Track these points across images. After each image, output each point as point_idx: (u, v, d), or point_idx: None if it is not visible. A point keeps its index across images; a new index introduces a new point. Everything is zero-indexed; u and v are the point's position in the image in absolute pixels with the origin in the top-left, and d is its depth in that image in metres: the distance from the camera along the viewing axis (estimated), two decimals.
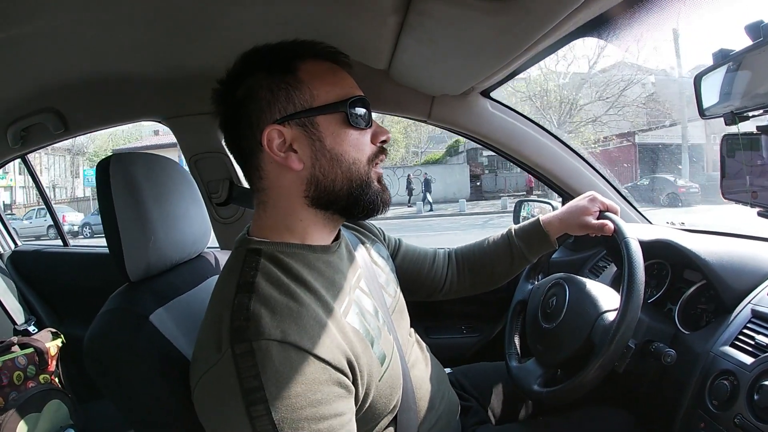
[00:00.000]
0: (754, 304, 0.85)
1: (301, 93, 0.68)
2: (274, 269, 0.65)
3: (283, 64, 0.69)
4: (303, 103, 0.68)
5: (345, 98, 0.69)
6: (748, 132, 0.76)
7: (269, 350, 0.56)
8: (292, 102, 0.67)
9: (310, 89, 0.68)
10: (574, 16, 0.68)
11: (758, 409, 0.70)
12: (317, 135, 0.68)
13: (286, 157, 0.67)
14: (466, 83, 1.16)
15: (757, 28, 0.69)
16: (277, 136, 0.67)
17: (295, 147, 0.68)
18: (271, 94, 0.67)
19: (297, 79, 0.68)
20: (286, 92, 0.67)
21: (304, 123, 0.68)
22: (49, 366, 1.46)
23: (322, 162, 0.68)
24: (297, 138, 0.68)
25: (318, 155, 0.68)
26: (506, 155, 1.34)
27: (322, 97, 0.68)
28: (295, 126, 0.67)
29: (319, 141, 0.68)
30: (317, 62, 0.71)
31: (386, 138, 0.73)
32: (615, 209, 0.96)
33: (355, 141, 0.70)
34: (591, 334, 0.86)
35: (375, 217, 0.76)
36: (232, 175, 1.46)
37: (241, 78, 0.70)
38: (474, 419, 1.02)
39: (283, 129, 0.67)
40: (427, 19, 0.77)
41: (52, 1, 0.78)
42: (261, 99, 0.68)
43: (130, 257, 0.75)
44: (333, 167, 0.69)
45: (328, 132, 0.68)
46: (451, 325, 1.56)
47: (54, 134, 1.42)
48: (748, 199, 0.78)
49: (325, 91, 0.69)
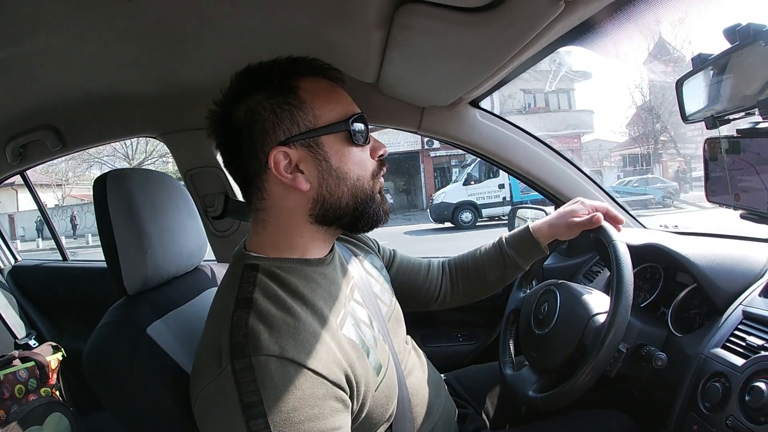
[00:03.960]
0: (745, 306, 0.86)
1: (304, 113, 0.68)
2: (271, 284, 0.66)
3: (283, 84, 0.69)
4: (307, 123, 0.68)
5: (346, 116, 0.70)
6: (728, 135, 0.77)
7: (268, 366, 0.57)
8: (296, 123, 0.67)
9: (313, 109, 0.68)
10: (554, 25, 0.70)
11: (750, 410, 0.71)
12: (323, 155, 0.68)
13: (293, 178, 0.68)
14: (453, 94, 1.17)
15: (733, 32, 0.70)
16: (283, 157, 0.67)
17: (302, 168, 0.68)
18: (274, 116, 0.67)
19: (298, 98, 0.68)
20: (289, 113, 0.67)
21: (309, 143, 0.68)
22: (50, 379, 1.47)
23: (329, 181, 0.69)
24: (303, 158, 0.68)
25: (325, 175, 0.69)
26: (497, 164, 1.35)
27: (325, 116, 0.69)
28: (300, 147, 0.68)
29: (325, 161, 0.69)
30: (315, 80, 0.71)
31: (383, 152, 0.75)
32: (603, 208, 0.96)
33: (358, 158, 0.71)
34: (583, 337, 0.86)
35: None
36: (227, 189, 1.47)
37: (238, 99, 0.69)
38: (472, 426, 1.02)
39: (288, 150, 0.67)
40: (410, 33, 0.78)
41: (49, 19, 0.80)
42: (264, 121, 0.67)
43: (128, 271, 0.76)
44: (339, 186, 0.69)
45: (333, 151, 0.69)
46: (448, 332, 1.57)
47: (52, 151, 1.43)
48: (732, 202, 0.78)
49: (327, 110, 0.69)
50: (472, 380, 1.16)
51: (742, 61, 0.71)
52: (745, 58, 0.70)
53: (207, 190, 1.48)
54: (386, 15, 0.75)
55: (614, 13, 0.75)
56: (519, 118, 7.24)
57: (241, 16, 0.84)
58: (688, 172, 16.42)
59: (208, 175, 1.45)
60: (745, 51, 0.69)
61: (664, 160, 19.08)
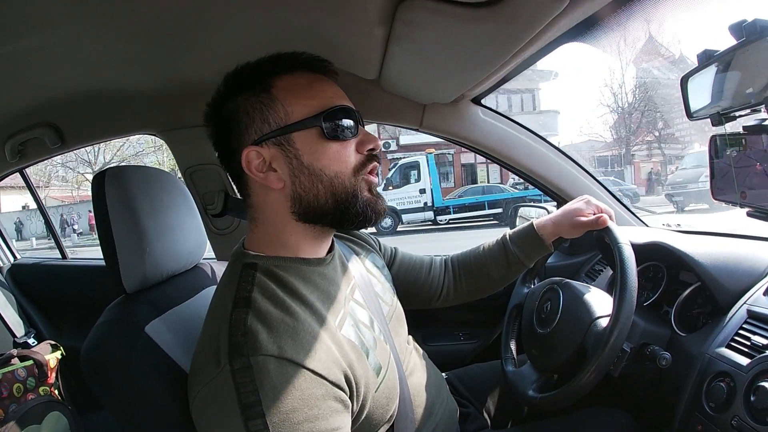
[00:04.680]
0: (750, 305, 0.85)
1: (275, 111, 0.67)
2: (270, 284, 0.66)
3: (258, 83, 0.69)
4: (278, 121, 0.67)
5: (321, 110, 0.68)
6: (735, 132, 0.76)
7: (266, 365, 0.56)
8: (267, 121, 0.67)
9: (284, 106, 0.67)
10: (557, 21, 0.69)
11: (755, 410, 0.70)
12: (293, 152, 0.67)
13: (265, 177, 0.68)
14: (456, 91, 1.17)
15: (739, 28, 0.69)
16: (256, 156, 0.67)
17: (274, 166, 0.68)
18: (247, 116, 0.68)
19: (271, 97, 0.68)
20: (260, 112, 0.67)
21: (281, 141, 0.67)
22: (48, 378, 1.47)
23: (302, 179, 0.68)
24: (275, 157, 0.68)
25: (296, 172, 0.68)
26: (499, 161, 1.34)
27: (297, 112, 0.67)
28: (272, 145, 0.67)
29: (296, 158, 0.67)
30: (295, 76, 0.70)
31: (374, 146, 0.72)
32: (609, 212, 0.96)
33: (335, 154, 0.68)
34: (584, 341, 0.86)
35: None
36: (227, 187, 1.47)
37: (224, 100, 0.70)
38: (473, 425, 1.02)
39: (260, 149, 0.67)
40: (413, 29, 0.77)
41: (48, 16, 0.79)
42: (240, 121, 0.68)
43: (126, 269, 0.76)
44: (314, 183, 0.68)
45: (305, 148, 0.67)
46: (449, 331, 1.56)
47: (51, 148, 1.43)
48: (738, 200, 0.77)
49: (301, 106, 0.68)
50: (473, 379, 1.16)
51: (748, 58, 0.71)
52: (752, 54, 0.70)
53: (207, 188, 1.47)
54: (388, 11, 0.74)
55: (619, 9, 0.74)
56: None
57: (242, 13, 0.83)
58: (663, 174, 16.27)
59: (208, 173, 1.45)
60: (751, 47, 0.69)
61: (636, 162, 19.02)
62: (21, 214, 18.28)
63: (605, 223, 0.90)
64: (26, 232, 17.53)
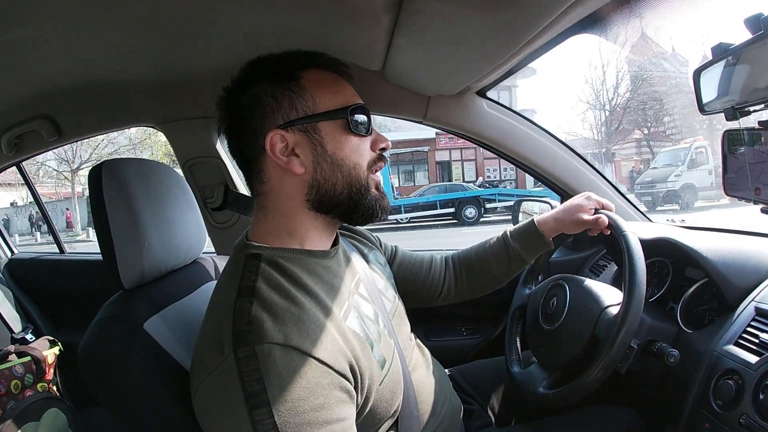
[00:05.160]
0: (758, 302, 0.84)
1: (304, 100, 0.70)
2: (274, 273, 0.66)
3: (287, 72, 0.71)
4: (306, 109, 0.70)
5: (346, 105, 0.71)
6: (749, 127, 0.75)
7: (272, 354, 0.56)
8: (295, 108, 0.69)
9: (313, 96, 0.70)
10: (570, 12, 0.68)
11: (764, 408, 0.70)
12: (319, 140, 0.70)
13: (288, 161, 0.69)
14: (461, 83, 1.15)
15: (756, 21, 0.68)
16: (280, 140, 0.69)
17: (297, 151, 0.70)
18: (275, 101, 0.69)
19: (300, 86, 0.70)
20: (289, 99, 0.69)
21: (307, 129, 0.70)
22: (46, 374, 1.45)
23: (324, 166, 0.70)
24: (299, 143, 0.70)
25: (320, 159, 0.70)
26: (504, 155, 1.33)
27: (324, 104, 0.70)
28: (297, 131, 0.69)
29: (321, 146, 0.70)
30: (319, 71, 0.73)
31: (386, 146, 0.75)
32: (610, 207, 0.96)
33: (355, 147, 0.72)
34: (595, 330, 0.85)
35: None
36: (227, 180, 1.45)
37: (246, 86, 0.72)
38: (477, 422, 1.02)
39: (285, 134, 0.69)
40: (420, 18, 0.76)
41: (45, 5, 0.77)
42: (265, 106, 0.70)
43: (124, 264, 0.74)
44: (334, 171, 0.70)
45: (329, 137, 0.70)
46: (451, 327, 1.55)
47: (48, 141, 1.41)
48: (752, 196, 0.76)
49: (327, 99, 0.71)
50: (477, 376, 1.15)
51: (764, 52, 0.69)
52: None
53: (206, 181, 1.46)
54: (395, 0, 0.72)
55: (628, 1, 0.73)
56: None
57: (244, 5, 0.82)
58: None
59: (208, 165, 1.43)
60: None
61: (617, 160, 19.02)
62: (9, 211, 18.45)
63: (604, 224, 0.91)
64: (12, 228, 17.65)
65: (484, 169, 18.09)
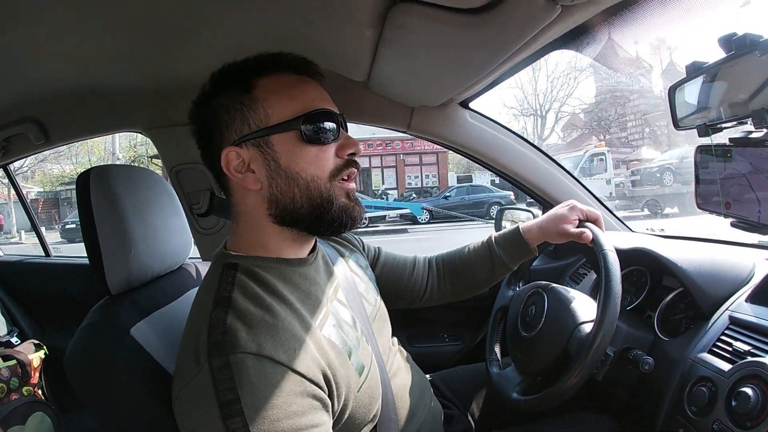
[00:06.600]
0: (732, 311, 0.86)
1: (255, 113, 0.67)
2: (250, 283, 0.66)
3: (240, 83, 0.69)
4: (258, 122, 0.67)
5: (301, 113, 0.67)
6: (720, 144, 0.77)
7: (245, 363, 0.56)
8: (247, 123, 0.67)
9: (265, 108, 0.67)
10: (549, 29, 0.69)
11: (736, 415, 0.71)
12: (272, 154, 0.67)
13: (243, 177, 0.68)
14: (444, 95, 1.17)
15: (729, 41, 0.70)
16: (235, 157, 0.67)
17: (253, 167, 0.68)
18: (228, 116, 0.68)
19: (252, 97, 0.68)
20: (241, 113, 0.67)
21: (260, 143, 0.67)
22: (32, 378, 1.45)
23: (278, 181, 0.68)
24: (254, 158, 0.68)
25: (273, 175, 0.68)
26: (486, 165, 1.34)
27: (278, 114, 0.67)
28: (251, 146, 0.68)
29: (274, 161, 0.67)
30: (279, 76, 0.70)
31: (355, 150, 0.71)
32: (594, 216, 0.96)
33: (312, 157, 0.68)
34: (568, 345, 0.86)
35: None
36: (213, 186, 1.45)
37: (208, 98, 0.70)
38: (457, 427, 1.02)
39: (240, 150, 0.67)
40: (404, 33, 0.77)
41: (33, 9, 0.77)
42: (221, 121, 0.69)
43: (111, 270, 0.75)
44: (290, 186, 0.68)
45: (283, 150, 0.67)
46: (434, 333, 1.56)
47: (35, 144, 1.40)
48: (722, 210, 0.78)
49: (282, 108, 0.68)
50: (457, 381, 1.16)
51: (736, 71, 0.71)
52: (740, 67, 0.70)
53: (192, 187, 1.45)
54: (379, 13, 0.74)
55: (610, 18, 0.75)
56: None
57: (232, 11, 0.83)
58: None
59: (194, 172, 1.43)
60: (740, 60, 0.69)
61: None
62: None
63: (589, 238, 0.91)
64: None
65: (404, 176, 17.87)
